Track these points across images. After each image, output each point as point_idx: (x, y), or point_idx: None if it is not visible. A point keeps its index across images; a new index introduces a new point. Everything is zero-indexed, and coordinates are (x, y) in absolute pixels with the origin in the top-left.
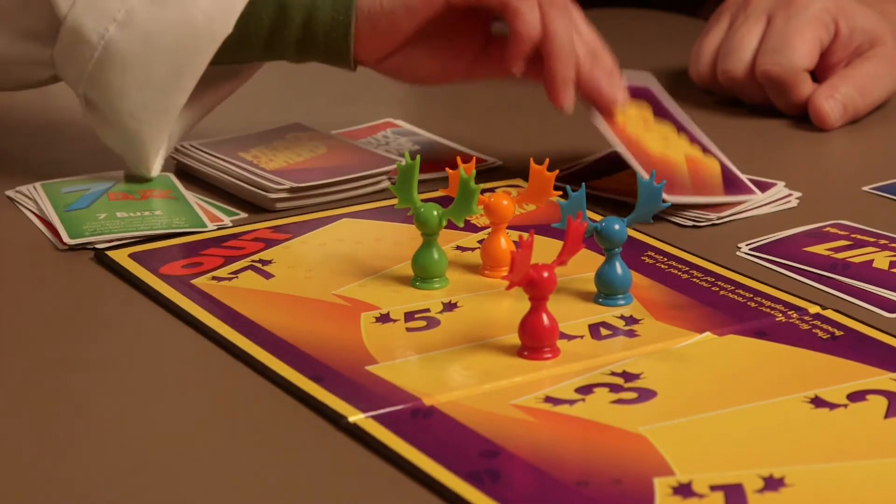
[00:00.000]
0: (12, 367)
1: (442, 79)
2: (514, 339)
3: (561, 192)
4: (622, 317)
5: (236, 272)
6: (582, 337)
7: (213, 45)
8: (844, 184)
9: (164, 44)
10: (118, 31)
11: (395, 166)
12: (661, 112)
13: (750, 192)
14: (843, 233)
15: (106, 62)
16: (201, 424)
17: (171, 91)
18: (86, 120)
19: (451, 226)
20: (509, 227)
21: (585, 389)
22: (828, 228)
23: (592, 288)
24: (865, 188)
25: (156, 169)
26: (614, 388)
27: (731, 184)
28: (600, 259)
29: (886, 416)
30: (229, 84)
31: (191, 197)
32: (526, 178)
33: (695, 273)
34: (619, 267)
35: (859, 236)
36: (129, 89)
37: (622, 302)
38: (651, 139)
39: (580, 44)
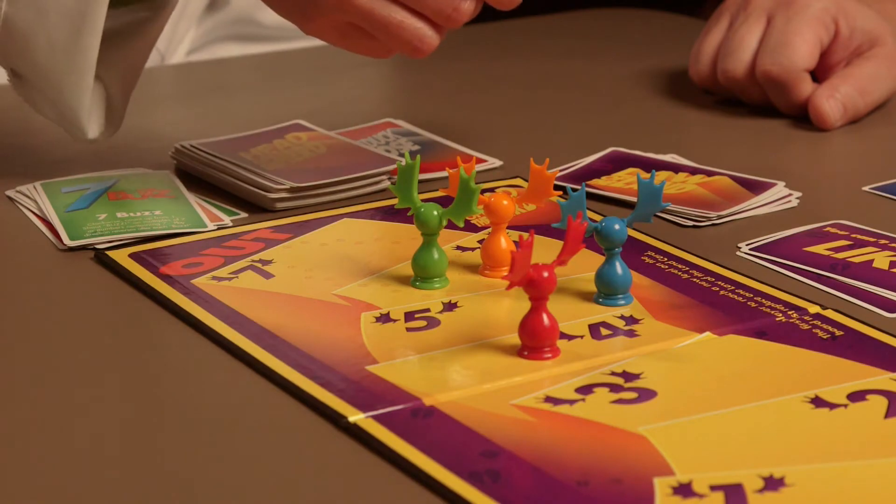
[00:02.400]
0: (12, 367)
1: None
2: (514, 339)
3: (561, 192)
4: (622, 317)
5: (236, 272)
6: (582, 337)
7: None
8: (844, 184)
9: (54, 8)
10: (9, 7)
11: (395, 166)
12: (653, 165)
13: (770, 185)
14: (843, 233)
15: (10, 36)
16: (201, 424)
17: (78, 51)
18: (16, 92)
19: (451, 226)
20: (509, 227)
21: (585, 389)
22: (828, 228)
23: (592, 288)
24: (865, 188)
25: (92, 130)
26: (614, 387)
27: (750, 186)
28: (600, 259)
29: (886, 416)
30: (150, 26)
31: (191, 197)
32: (526, 178)
33: (695, 273)
34: (619, 267)
35: (859, 236)
36: (37, 56)
37: (622, 302)
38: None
39: None
